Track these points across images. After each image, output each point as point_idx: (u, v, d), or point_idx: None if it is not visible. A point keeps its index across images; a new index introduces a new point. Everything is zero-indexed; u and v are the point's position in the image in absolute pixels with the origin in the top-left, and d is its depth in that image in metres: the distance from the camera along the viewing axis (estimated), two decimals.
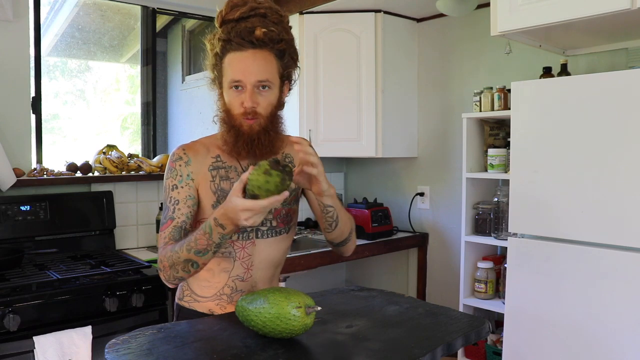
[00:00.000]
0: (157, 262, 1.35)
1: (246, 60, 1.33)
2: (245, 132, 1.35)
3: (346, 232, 1.48)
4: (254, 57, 1.34)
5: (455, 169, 2.98)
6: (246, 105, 1.34)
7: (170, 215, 1.35)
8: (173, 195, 1.37)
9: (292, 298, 1.12)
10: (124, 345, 1.11)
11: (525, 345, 2.05)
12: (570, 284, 1.92)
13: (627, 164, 1.78)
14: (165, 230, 1.34)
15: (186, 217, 1.35)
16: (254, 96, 1.34)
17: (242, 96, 1.35)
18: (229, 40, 1.34)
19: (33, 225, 2.42)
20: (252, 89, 1.34)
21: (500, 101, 2.50)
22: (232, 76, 1.34)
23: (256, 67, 1.34)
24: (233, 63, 1.35)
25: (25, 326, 1.92)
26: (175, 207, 1.35)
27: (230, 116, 1.37)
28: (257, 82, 1.34)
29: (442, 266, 3.11)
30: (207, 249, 1.24)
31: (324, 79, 2.96)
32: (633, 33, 2.16)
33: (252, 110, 1.34)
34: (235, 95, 1.36)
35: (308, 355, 1.10)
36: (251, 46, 1.33)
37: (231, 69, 1.35)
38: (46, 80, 2.87)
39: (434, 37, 3.09)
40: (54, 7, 3.03)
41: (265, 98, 1.36)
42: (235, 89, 1.35)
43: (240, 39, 1.33)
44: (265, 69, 1.35)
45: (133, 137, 3.29)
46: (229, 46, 1.34)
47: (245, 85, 1.34)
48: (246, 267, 1.43)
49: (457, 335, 1.16)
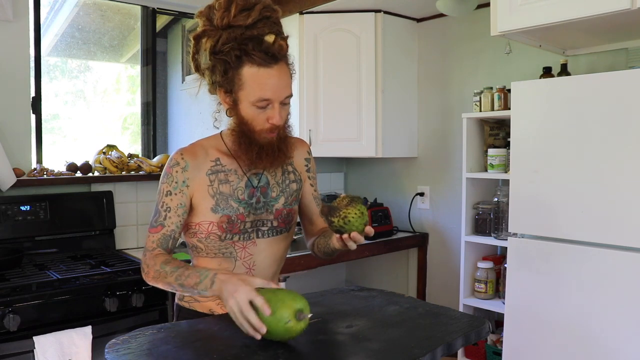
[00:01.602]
0: (141, 262, 1.36)
1: (273, 78, 1.30)
2: (265, 145, 1.35)
3: (334, 254, 1.50)
4: (279, 74, 1.31)
5: (455, 169, 2.98)
6: (276, 123, 1.33)
7: (161, 222, 1.37)
8: (166, 201, 1.38)
9: (282, 309, 1.09)
10: (124, 345, 1.11)
11: (525, 345, 2.05)
12: (570, 284, 1.92)
13: (627, 164, 1.78)
14: (154, 234, 1.36)
15: (176, 227, 1.37)
16: (282, 112, 1.35)
17: (269, 113, 1.32)
18: (247, 53, 1.28)
19: (33, 225, 2.42)
20: (279, 107, 1.33)
21: (500, 101, 2.50)
22: (261, 95, 1.30)
23: (283, 84, 1.32)
24: (260, 80, 1.29)
25: (25, 326, 1.92)
26: (166, 215, 1.37)
27: (252, 132, 1.34)
28: (285, 99, 1.34)
29: (442, 266, 3.11)
30: (190, 289, 1.27)
31: (324, 79, 2.96)
32: (633, 33, 2.16)
33: (279, 125, 1.35)
34: (260, 112, 1.33)
35: (308, 355, 1.10)
36: (274, 62, 1.30)
37: (258, 87, 1.29)
38: (46, 80, 2.87)
39: (434, 37, 3.09)
40: (54, 7, 3.03)
41: (286, 110, 1.38)
42: (260, 107, 1.32)
43: (264, 54, 1.28)
44: (289, 84, 1.35)
45: (133, 137, 3.29)
46: (247, 58, 1.28)
47: (273, 103, 1.32)
48: (248, 267, 1.43)
49: (457, 335, 1.16)
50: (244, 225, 1.40)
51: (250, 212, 1.41)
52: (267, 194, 1.44)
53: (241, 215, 1.39)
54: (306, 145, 1.59)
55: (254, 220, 1.42)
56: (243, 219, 1.40)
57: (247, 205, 1.40)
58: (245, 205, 1.40)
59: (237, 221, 1.39)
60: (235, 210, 1.39)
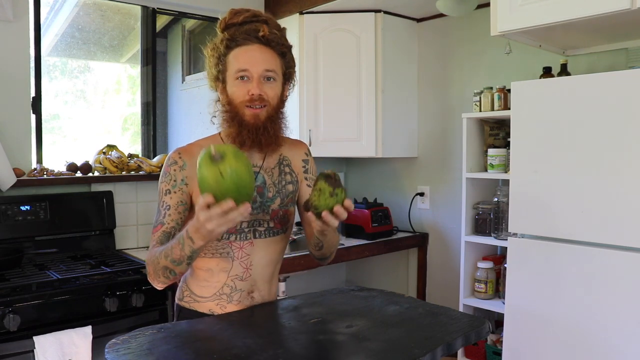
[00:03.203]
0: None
1: (253, 52, 1.38)
2: (249, 121, 1.37)
3: (327, 254, 1.51)
4: (260, 50, 1.38)
5: (455, 169, 2.98)
6: (253, 92, 1.36)
7: (161, 220, 1.37)
8: (166, 200, 1.38)
9: (211, 182, 1.09)
10: (124, 345, 1.11)
11: (525, 345, 2.05)
12: (570, 284, 1.92)
13: (627, 164, 1.78)
14: (155, 233, 1.36)
15: (176, 223, 1.37)
16: (261, 85, 1.37)
17: (249, 85, 1.37)
18: (234, 39, 1.38)
19: (33, 225, 2.42)
20: (259, 79, 1.37)
21: (500, 101, 2.50)
22: (239, 66, 1.37)
23: (262, 57, 1.38)
24: (239, 55, 1.38)
25: (25, 326, 1.92)
26: (166, 213, 1.37)
27: (233, 106, 1.38)
28: (264, 72, 1.37)
29: (442, 266, 3.11)
30: (181, 259, 1.25)
31: (324, 79, 2.96)
32: (633, 33, 2.16)
33: (259, 97, 1.36)
34: (241, 85, 1.38)
35: (308, 355, 1.10)
36: (257, 41, 1.38)
37: (237, 61, 1.38)
38: (46, 80, 2.87)
39: (434, 37, 3.09)
40: (54, 7, 3.03)
41: (272, 88, 1.40)
42: (241, 80, 1.37)
43: (246, 35, 1.37)
44: (271, 61, 1.39)
45: (133, 137, 3.29)
46: (234, 44, 1.38)
47: (252, 74, 1.37)
48: (245, 267, 1.43)
49: (457, 335, 1.17)
50: (240, 225, 1.41)
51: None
52: (264, 194, 1.44)
53: None
54: (305, 146, 1.59)
55: (250, 221, 1.42)
56: None
57: None
58: None
59: None
60: None
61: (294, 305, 1.41)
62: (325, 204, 1.20)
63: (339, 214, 1.22)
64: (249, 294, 1.44)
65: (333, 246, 1.49)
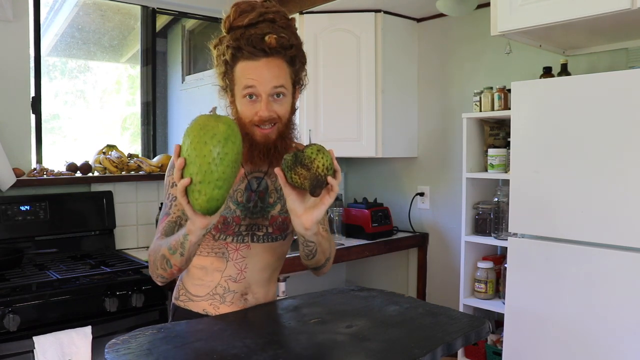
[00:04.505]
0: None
1: (260, 68, 1.30)
2: (259, 141, 1.33)
3: (322, 261, 1.43)
4: (267, 66, 1.31)
5: (455, 169, 2.98)
6: (262, 115, 1.31)
7: (167, 211, 1.36)
8: (171, 192, 1.37)
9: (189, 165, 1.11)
10: (124, 345, 1.11)
11: (525, 345, 2.05)
12: (570, 284, 1.92)
13: (627, 164, 1.78)
14: (161, 224, 1.35)
15: (181, 213, 1.34)
16: (270, 105, 1.32)
17: (257, 106, 1.32)
18: (240, 48, 1.31)
19: (33, 225, 2.42)
20: (267, 98, 1.31)
21: (500, 101, 2.50)
22: (246, 82, 1.31)
23: (270, 74, 1.31)
24: (246, 71, 1.31)
25: (25, 326, 1.92)
26: (172, 204, 1.36)
27: (242, 124, 1.33)
28: (273, 90, 1.32)
29: (442, 266, 3.11)
30: (176, 247, 1.23)
31: (324, 79, 2.96)
32: (633, 33, 2.16)
33: (269, 118, 1.32)
34: (249, 105, 1.32)
35: (308, 355, 1.10)
36: (264, 55, 1.30)
37: (244, 77, 1.31)
38: (46, 80, 2.87)
39: (434, 37, 3.09)
40: (54, 7, 3.03)
41: (281, 105, 1.34)
42: (249, 98, 1.32)
43: (252, 48, 1.30)
44: (279, 75, 1.32)
45: (133, 137, 3.29)
46: (240, 54, 1.31)
47: (259, 94, 1.31)
48: (239, 269, 1.42)
49: (457, 335, 1.16)
50: (238, 227, 1.40)
51: (247, 215, 1.40)
52: (265, 199, 1.43)
53: (237, 217, 1.39)
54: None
55: (249, 224, 1.41)
56: (239, 221, 1.39)
57: (244, 208, 1.40)
58: (242, 208, 1.40)
59: (233, 223, 1.39)
60: (232, 212, 1.39)
61: (294, 305, 1.41)
62: (312, 173, 1.18)
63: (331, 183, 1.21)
64: (242, 296, 1.43)
65: (323, 254, 1.41)
